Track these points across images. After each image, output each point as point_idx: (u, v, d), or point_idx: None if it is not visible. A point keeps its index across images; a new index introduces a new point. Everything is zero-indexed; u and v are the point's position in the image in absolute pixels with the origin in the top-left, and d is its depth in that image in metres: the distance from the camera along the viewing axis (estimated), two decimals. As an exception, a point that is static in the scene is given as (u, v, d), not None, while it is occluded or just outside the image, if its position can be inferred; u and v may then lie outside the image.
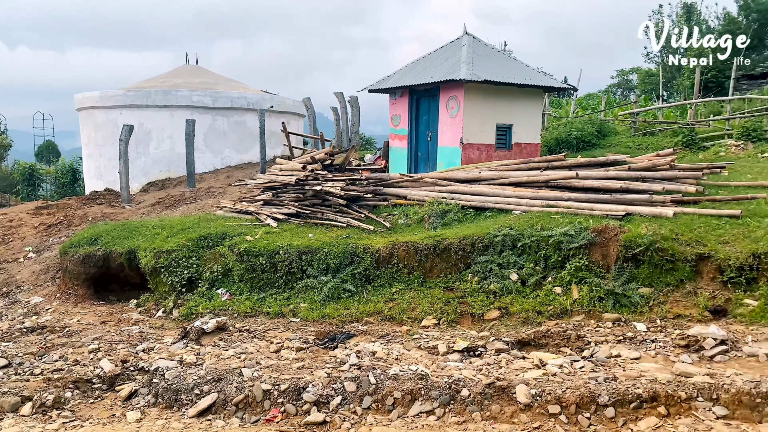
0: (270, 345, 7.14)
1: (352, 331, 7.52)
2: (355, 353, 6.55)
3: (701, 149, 16.37)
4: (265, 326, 7.89)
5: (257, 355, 6.72)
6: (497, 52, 15.37)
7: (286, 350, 6.95)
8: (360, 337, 7.32)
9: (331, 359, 6.52)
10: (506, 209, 9.52)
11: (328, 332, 7.53)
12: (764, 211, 8.16)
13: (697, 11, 33.73)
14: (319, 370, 6.08)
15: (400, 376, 5.63)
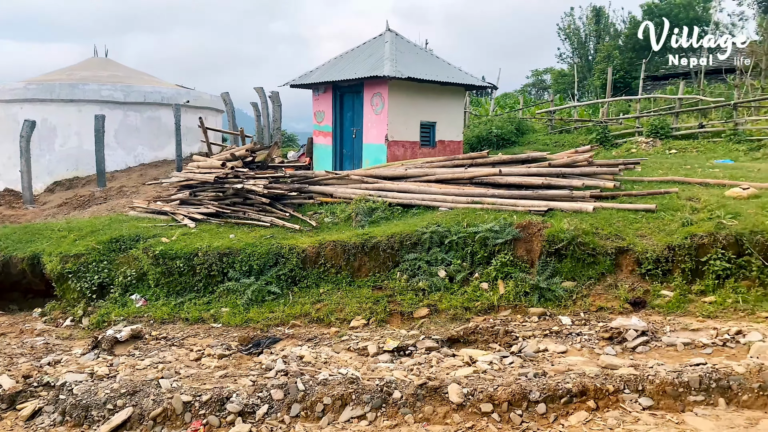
0: (190, 353, 6.74)
1: (277, 335, 7.24)
2: (281, 358, 6.28)
3: (614, 146, 17.09)
4: (184, 333, 7.46)
5: (176, 365, 6.32)
6: (419, 49, 15.39)
7: (208, 358, 6.58)
8: (286, 342, 7.05)
9: (256, 366, 6.22)
10: (433, 206, 9.49)
11: (253, 337, 7.21)
12: (677, 205, 8.52)
13: (606, 15, 35.33)
14: (243, 378, 5.77)
15: (330, 381, 5.42)
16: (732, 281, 7.18)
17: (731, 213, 7.92)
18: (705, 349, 5.86)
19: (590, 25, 34.96)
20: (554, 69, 39.11)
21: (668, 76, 29.23)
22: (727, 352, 5.74)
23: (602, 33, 34.37)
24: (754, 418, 4.48)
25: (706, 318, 6.72)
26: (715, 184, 9.67)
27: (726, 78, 24.19)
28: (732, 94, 19.46)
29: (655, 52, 27.19)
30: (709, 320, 6.66)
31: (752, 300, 6.89)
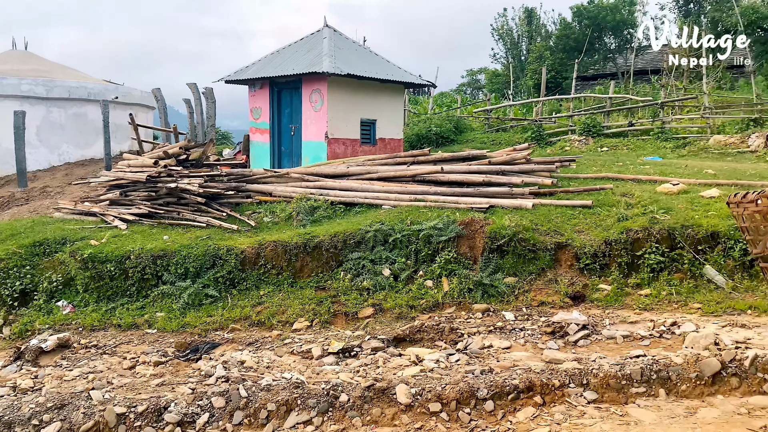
0: (123, 361, 6.38)
1: (217, 339, 6.96)
2: (221, 364, 6.03)
3: (549, 144, 17.52)
4: (116, 340, 7.07)
5: (108, 374, 5.96)
6: (358, 46, 15.29)
7: (143, 366, 6.25)
8: (226, 346, 6.79)
9: (195, 372, 5.94)
10: (376, 204, 9.40)
11: (190, 343, 6.91)
12: (612, 201, 8.76)
13: (537, 16, 36.24)
14: (181, 386, 5.50)
15: (274, 386, 5.23)
16: (666, 274, 7.43)
17: (663, 208, 8.21)
18: (643, 341, 6.01)
19: (523, 26, 35.77)
20: (488, 69, 39.82)
21: (597, 76, 30.30)
22: (664, 343, 5.92)
23: (534, 34, 35.23)
24: (693, 407, 4.61)
25: (643, 310, 6.92)
26: (647, 180, 10.02)
27: (651, 78, 25.27)
28: (657, 93, 20.31)
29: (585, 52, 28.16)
30: (646, 312, 6.86)
31: (685, 292, 7.15)
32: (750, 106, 17.58)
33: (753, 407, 4.51)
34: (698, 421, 4.36)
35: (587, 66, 29.76)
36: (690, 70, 21.63)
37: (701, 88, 18.88)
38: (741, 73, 24.75)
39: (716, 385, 4.84)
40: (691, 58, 18.39)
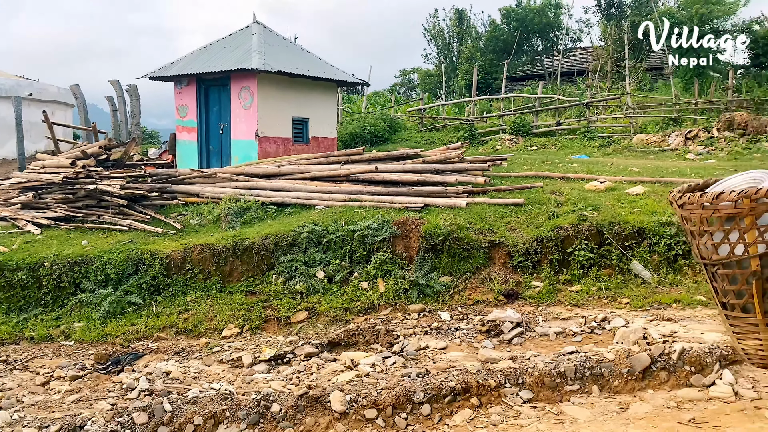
0: (36, 376, 5.91)
1: (140, 350, 6.57)
2: (145, 376, 5.68)
3: (480, 143, 17.74)
4: (28, 354, 6.55)
5: (19, 392, 5.50)
6: (289, 43, 14.99)
7: (58, 381, 5.80)
8: (151, 357, 6.41)
9: (116, 386, 5.56)
10: (309, 204, 9.17)
11: (111, 354, 6.49)
12: (543, 199, 8.88)
13: (468, 17, 36.77)
14: (100, 402, 5.13)
15: (201, 399, 4.95)
16: (595, 270, 7.58)
17: (591, 205, 8.38)
18: (575, 337, 6.08)
19: (454, 27, 36.19)
20: (421, 69, 40.10)
21: (526, 77, 31.05)
22: (596, 339, 6.00)
23: (465, 35, 35.70)
24: (625, 402, 4.67)
25: (574, 306, 7.02)
26: (575, 179, 10.24)
27: (577, 80, 26.10)
28: (583, 94, 20.96)
29: (514, 54, 28.79)
30: (577, 308, 6.97)
31: (614, 287, 7.31)
32: (669, 107, 18.40)
33: (681, 400, 4.61)
34: (630, 417, 4.41)
35: (516, 67, 30.42)
36: (613, 72, 22.47)
37: (624, 88, 19.61)
38: (660, 75, 25.94)
39: (646, 380, 4.92)
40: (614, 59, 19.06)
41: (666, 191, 9.05)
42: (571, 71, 28.54)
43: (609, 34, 24.56)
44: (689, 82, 21.66)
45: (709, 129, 14.80)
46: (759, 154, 12.73)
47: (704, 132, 14.73)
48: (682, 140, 14.62)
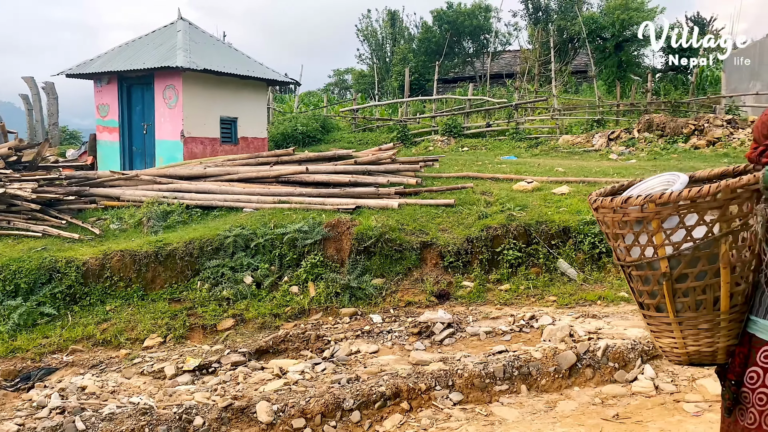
0: (-67, 399, 5.43)
1: (54, 364, 6.16)
2: (58, 392, 5.32)
3: (413, 144, 17.82)
4: (-75, 374, 6.02)
5: None
6: (216, 41, 14.57)
7: (-42, 402, 5.35)
8: (65, 371, 6.03)
9: (25, 404, 5.19)
10: (237, 207, 8.90)
11: (21, 369, 6.06)
12: (473, 199, 8.95)
13: (400, 19, 36.99)
14: (7, 422, 4.76)
15: (118, 415, 4.66)
16: (523, 269, 7.69)
17: (519, 205, 8.52)
18: (505, 336, 6.13)
19: (386, 28, 36.30)
20: (355, 69, 40.03)
21: (457, 79, 31.49)
22: (524, 338, 6.07)
23: (398, 36, 35.88)
24: (553, 400, 4.72)
25: (504, 305, 7.09)
26: (504, 179, 10.40)
27: (506, 82, 26.68)
28: (512, 96, 21.43)
29: (446, 56, 29.14)
30: (507, 307, 7.04)
31: (541, 285, 7.43)
32: (593, 108, 19.06)
33: (606, 396, 4.70)
34: (558, 415, 4.45)
35: (448, 69, 30.80)
36: (541, 74, 23.09)
37: (551, 91, 20.18)
38: (584, 78, 26.88)
39: (573, 377, 5.00)
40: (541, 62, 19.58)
41: (590, 191, 9.31)
42: (500, 74, 29.15)
43: (536, 37, 25.23)
44: (612, 85, 22.53)
45: (630, 130, 15.41)
46: (676, 154, 13.34)
47: (626, 133, 15.32)
48: (605, 141, 15.15)
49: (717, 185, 1.84)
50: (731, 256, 1.92)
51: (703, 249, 1.92)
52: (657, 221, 1.92)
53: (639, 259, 2.02)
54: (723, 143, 13.60)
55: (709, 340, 2.03)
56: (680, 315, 2.04)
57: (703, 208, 1.87)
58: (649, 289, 2.07)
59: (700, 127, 14.27)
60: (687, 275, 1.97)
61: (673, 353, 2.14)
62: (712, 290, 1.96)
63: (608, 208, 1.98)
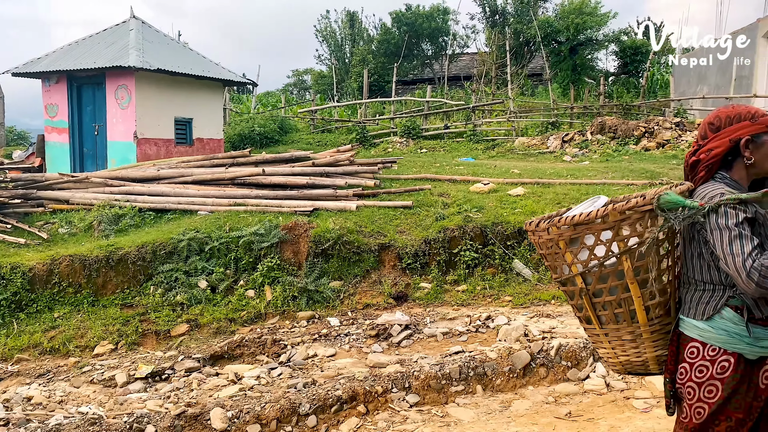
0: None
1: (-3, 374, 5.93)
2: (2, 403, 5.12)
3: (372, 145, 17.83)
4: None
5: None
6: (171, 40, 14.30)
7: None
8: (10, 381, 5.81)
9: (-35, 418, 4.97)
10: (191, 210, 8.74)
11: (-38, 381, 5.81)
12: (430, 201, 9.01)
13: (359, 20, 36.97)
14: (-55, 437, 4.56)
15: (65, 426, 4.51)
16: (480, 269, 7.78)
17: (476, 206, 8.61)
18: (461, 336, 6.18)
19: (345, 29, 36.23)
20: (314, 70, 39.82)
21: (416, 80, 31.66)
22: (480, 338, 6.13)
23: (357, 37, 35.85)
24: (507, 400, 4.78)
25: (461, 306, 7.16)
26: (461, 180, 10.49)
27: (464, 84, 26.97)
28: (469, 98, 21.67)
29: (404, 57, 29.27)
30: (463, 308, 7.10)
31: (497, 285, 7.53)
32: (548, 111, 19.43)
33: (559, 395, 4.79)
34: (512, 415, 4.51)
35: (407, 70, 30.93)
36: (497, 77, 23.41)
37: (507, 93, 20.47)
38: (540, 81, 27.37)
39: (527, 377, 5.07)
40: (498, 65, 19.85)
41: (544, 192, 9.49)
42: (459, 76, 29.43)
43: (493, 40, 25.58)
44: (567, 88, 23.01)
45: (584, 132, 15.75)
46: (627, 156, 13.69)
47: (579, 135, 15.66)
48: (560, 143, 15.46)
49: (605, 208, 1.98)
50: (637, 271, 2.04)
51: (609, 266, 2.06)
52: (563, 242, 2.07)
53: (560, 276, 2.17)
54: (672, 145, 14.04)
55: (635, 351, 2.18)
56: (605, 327, 2.18)
57: (597, 229, 2.01)
58: (576, 303, 2.22)
59: (651, 130, 14.70)
60: (601, 290, 2.11)
61: (609, 362, 2.29)
62: (627, 304, 2.10)
63: (530, 232, 2.18)
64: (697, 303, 2.10)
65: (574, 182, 10.13)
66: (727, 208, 1.94)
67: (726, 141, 2.09)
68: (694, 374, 2.07)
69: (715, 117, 2.16)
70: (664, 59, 28.56)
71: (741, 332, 2.01)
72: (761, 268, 1.87)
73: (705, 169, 2.13)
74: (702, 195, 2.06)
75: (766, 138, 2.10)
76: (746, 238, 1.91)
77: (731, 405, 2.03)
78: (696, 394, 2.06)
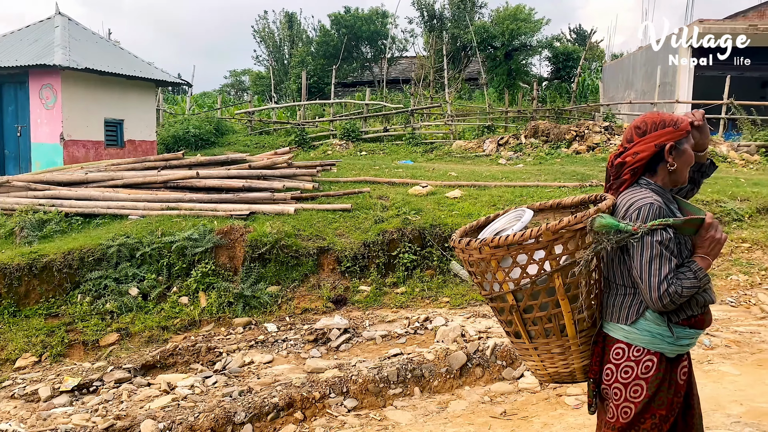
0: None
1: None
2: None
3: (312, 148, 17.71)
4: None
5: None
6: (100, 38, 13.77)
7: None
8: None
9: None
10: (122, 214, 8.42)
11: None
12: (369, 204, 9.01)
13: (298, 21, 36.69)
14: None
15: (-18, 446, 4.27)
16: (418, 271, 7.83)
17: (414, 209, 8.67)
18: (400, 339, 6.21)
19: (284, 30, 35.89)
20: (252, 71, 39.24)
21: (356, 83, 31.70)
22: (419, 339, 6.18)
23: (296, 38, 35.56)
24: (445, 401, 4.83)
25: (399, 308, 7.19)
26: (400, 183, 10.56)
27: (403, 87, 27.18)
28: (408, 101, 21.86)
29: (344, 60, 29.24)
30: (402, 310, 7.14)
31: (435, 287, 7.61)
32: (484, 115, 19.82)
33: (495, 394, 4.87)
34: (449, 415, 4.56)
35: (347, 73, 30.92)
36: (435, 81, 23.72)
37: (445, 97, 20.76)
38: (477, 85, 27.90)
39: (464, 377, 5.14)
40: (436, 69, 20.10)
41: (481, 194, 9.67)
42: (398, 79, 29.65)
43: (431, 45, 25.88)
44: (502, 92, 23.54)
45: (518, 136, 16.15)
46: (559, 158, 14.13)
47: (514, 139, 16.05)
48: (496, 146, 15.79)
49: (539, 229, 2.03)
50: (568, 288, 2.10)
51: (540, 284, 2.11)
52: (495, 261, 2.11)
53: (490, 293, 2.20)
54: (601, 148, 14.58)
55: (564, 362, 2.24)
56: (534, 341, 2.23)
57: (530, 248, 2.06)
58: (505, 319, 2.26)
59: (581, 133, 15.22)
60: (532, 306, 2.16)
61: (537, 374, 2.35)
62: (557, 319, 2.16)
63: (458, 249, 2.18)
64: (620, 307, 2.17)
65: (509, 185, 10.37)
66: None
67: (651, 146, 2.17)
68: (620, 375, 2.13)
69: (641, 122, 2.24)
70: (595, 65, 29.70)
71: (664, 332, 2.09)
72: (673, 294, 2.01)
73: (630, 172, 2.21)
74: (629, 202, 2.12)
75: (687, 146, 2.19)
76: (666, 258, 2.01)
77: (655, 403, 2.10)
78: (622, 394, 2.13)
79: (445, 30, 28.25)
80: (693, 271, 2.04)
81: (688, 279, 2.02)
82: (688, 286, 2.01)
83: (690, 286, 2.02)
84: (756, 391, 4.52)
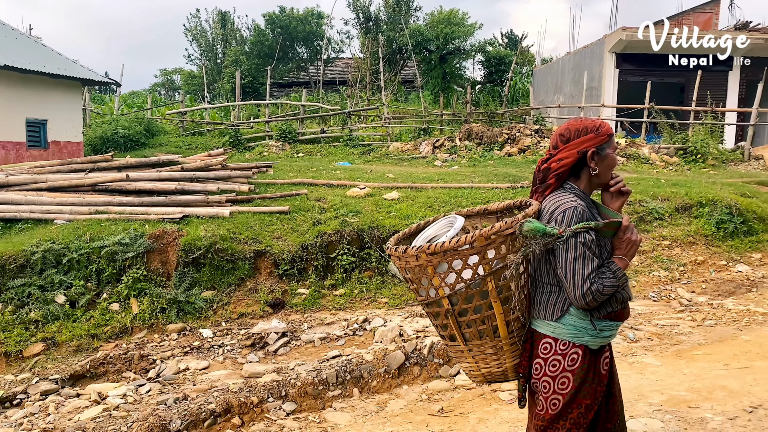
0: None
1: None
2: None
3: (247, 149, 17.44)
4: None
5: None
6: (20, 34, 13.12)
7: None
8: None
9: None
10: (46, 219, 8.06)
11: None
12: (307, 206, 8.98)
13: (231, 20, 36.04)
14: None
15: None
16: (357, 273, 7.87)
17: (353, 211, 8.71)
18: (339, 341, 6.23)
19: (217, 29, 35.17)
20: (184, 70, 38.23)
21: (292, 84, 31.42)
22: (358, 341, 6.22)
23: (229, 38, 34.90)
24: (383, 401, 4.88)
25: (338, 310, 7.21)
26: (338, 185, 10.57)
27: (340, 89, 27.16)
28: (345, 103, 21.86)
29: (279, 60, 28.94)
30: (341, 312, 7.16)
31: (374, 288, 7.67)
32: (420, 117, 20.06)
33: (432, 392, 4.96)
34: (388, 415, 4.61)
35: (283, 73, 30.60)
36: (372, 83, 23.83)
37: (381, 99, 20.89)
38: (413, 88, 28.22)
39: (402, 376, 5.21)
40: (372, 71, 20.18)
41: (418, 196, 9.80)
42: (334, 80, 29.59)
43: (367, 46, 25.98)
44: (438, 95, 23.90)
45: (453, 138, 16.45)
46: (492, 161, 14.49)
47: (449, 141, 16.33)
48: (431, 149, 16.03)
49: (473, 234, 2.12)
50: (500, 290, 2.21)
51: (474, 287, 2.21)
52: (431, 267, 2.18)
53: (426, 299, 2.28)
54: (532, 150, 15.04)
55: (497, 362, 2.35)
56: (469, 343, 2.32)
57: (465, 254, 2.15)
58: (440, 323, 2.34)
59: (513, 136, 15.66)
60: (467, 310, 2.25)
61: (471, 375, 2.44)
62: (490, 320, 2.27)
63: (394, 257, 2.25)
64: (546, 305, 2.29)
65: (444, 186, 10.56)
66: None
67: (574, 152, 2.29)
68: (548, 368, 2.24)
69: (565, 129, 2.35)
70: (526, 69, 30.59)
71: (587, 326, 2.22)
72: (596, 292, 2.14)
73: (555, 177, 2.32)
74: (555, 206, 2.24)
75: (608, 151, 2.32)
76: (588, 259, 2.15)
77: (581, 393, 2.22)
78: (551, 387, 2.24)
79: (381, 32, 28.40)
80: (613, 270, 2.17)
81: (608, 278, 2.15)
82: (609, 285, 2.14)
83: (610, 285, 2.14)
84: (675, 380, 4.80)
